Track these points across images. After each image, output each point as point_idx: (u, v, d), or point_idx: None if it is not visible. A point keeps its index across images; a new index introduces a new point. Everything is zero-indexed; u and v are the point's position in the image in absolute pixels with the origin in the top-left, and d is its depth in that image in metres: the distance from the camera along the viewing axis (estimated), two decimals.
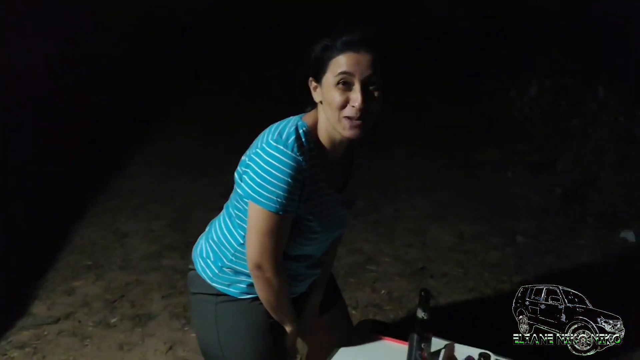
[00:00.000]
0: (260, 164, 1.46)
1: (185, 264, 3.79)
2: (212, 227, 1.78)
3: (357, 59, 1.43)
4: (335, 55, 1.45)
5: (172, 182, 5.40)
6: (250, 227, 1.53)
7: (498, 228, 4.52)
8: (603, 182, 4.55)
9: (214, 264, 1.69)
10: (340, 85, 1.45)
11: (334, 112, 1.47)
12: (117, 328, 3.05)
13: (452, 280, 3.72)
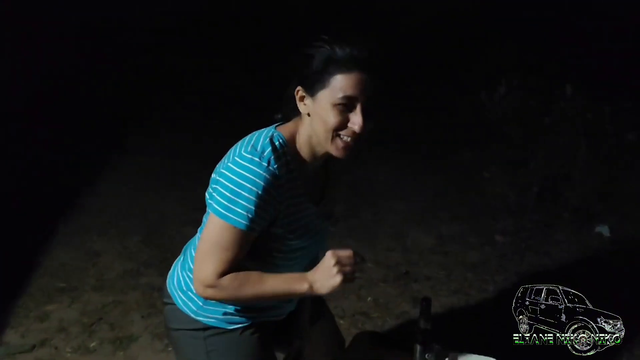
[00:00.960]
0: (231, 178, 1.37)
1: (164, 281, 3.68)
2: (187, 255, 1.65)
3: (363, 80, 1.36)
4: (339, 73, 1.35)
5: (143, 197, 5.25)
6: (207, 242, 1.40)
7: (476, 228, 4.55)
8: (576, 178, 4.62)
9: (197, 297, 1.54)
10: (340, 106, 1.36)
11: (327, 132, 1.39)
12: (97, 352, 2.92)
13: (436, 284, 3.71)
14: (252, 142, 1.41)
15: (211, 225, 1.39)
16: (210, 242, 1.39)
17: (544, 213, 4.59)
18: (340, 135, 1.39)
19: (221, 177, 1.39)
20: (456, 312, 3.36)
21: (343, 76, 1.35)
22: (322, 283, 1.40)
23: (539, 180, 4.60)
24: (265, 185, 1.35)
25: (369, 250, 4.19)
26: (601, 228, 4.33)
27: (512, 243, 4.28)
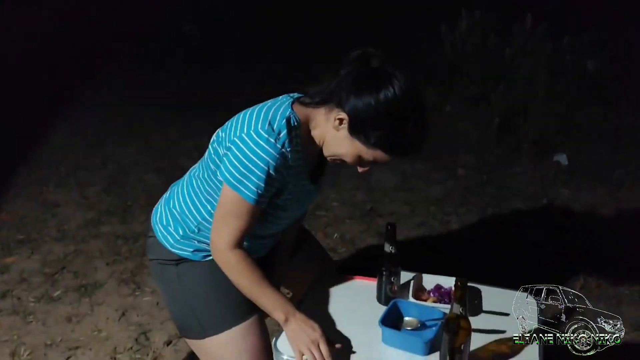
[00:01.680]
0: (245, 152, 1.40)
1: (127, 228, 3.63)
2: (173, 194, 1.68)
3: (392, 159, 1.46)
4: (388, 153, 1.43)
5: (100, 147, 5.09)
6: (221, 209, 1.47)
7: (440, 164, 4.59)
8: (535, 111, 4.68)
9: (175, 232, 1.62)
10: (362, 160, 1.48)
11: (337, 156, 1.50)
12: (61, 301, 2.87)
13: (401, 218, 3.75)
14: (269, 118, 1.42)
15: (224, 194, 1.46)
16: (225, 209, 1.46)
17: (505, 146, 4.66)
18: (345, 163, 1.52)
19: (235, 146, 1.42)
20: (420, 242, 3.42)
21: (387, 155, 1.44)
22: (292, 334, 1.48)
23: (500, 114, 4.63)
24: (277, 165, 1.40)
25: (334, 190, 4.20)
26: (559, 157, 4.43)
27: (474, 177, 4.35)
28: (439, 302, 1.68)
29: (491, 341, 1.51)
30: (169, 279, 1.64)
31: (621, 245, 3.34)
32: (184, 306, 1.62)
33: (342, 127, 1.42)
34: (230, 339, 1.56)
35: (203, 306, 1.59)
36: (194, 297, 1.60)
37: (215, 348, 1.57)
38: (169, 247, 1.61)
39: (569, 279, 3.00)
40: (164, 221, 1.64)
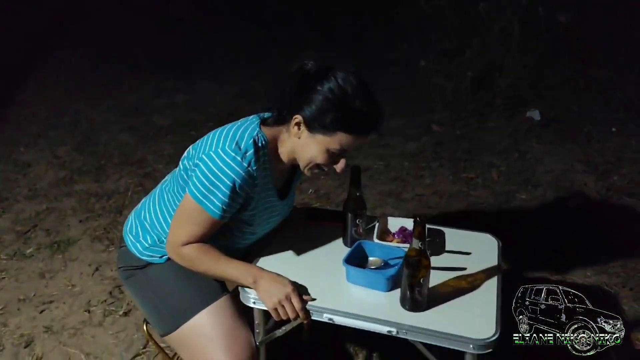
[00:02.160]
0: (212, 169, 1.44)
1: (100, 186, 3.60)
2: (144, 206, 1.73)
3: (363, 141, 1.49)
4: (348, 132, 1.44)
5: (72, 106, 5.01)
6: (181, 214, 1.52)
7: (414, 120, 4.61)
8: (509, 66, 4.69)
9: (144, 240, 1.66)
10: (332, 154, 1.48)
11: (310, 162, 1.51)
12: (34, 258, 2.86)
13: (375, 173, 3.78)
14: (237, 137, 1.47)
15: (188, 202, 1.49)
16: (185, 215, 1.50)
17: (478, 102, 4.69)
18: (320, 166, 1.52)
19: (203, 162, 1.46)
20: (393, 194, 3.46)
21: (351, 136, 1.45)
22: (263, 294, 1.49)
23: (474, 69, 4.64)
24: (242, 183, 1.45)
25: None
26: (532, 113, 4.48)
27: (448, 132, 4.38)
28: (403, 243, 1.71)
29: (452, 277, 1.56)
30: (138, 283, 1.68)
31: (588, 193, 3.43)
32: (156, 304, 1.64)
33: (302, 130, 1.49)
34: (201, 322, 1.56)
35: (172, 299, 1.61)
36: (162, 293, 1.63)
37: (190, 335, 1.57)
38: (138, 255, 1.66)
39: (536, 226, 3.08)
40: (134, 231, 1.69)
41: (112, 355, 2.20)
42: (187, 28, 6.99)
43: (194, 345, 1.56)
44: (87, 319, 2.41)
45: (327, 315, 1.44)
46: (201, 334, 1.55)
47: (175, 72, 5.73)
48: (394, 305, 1.45)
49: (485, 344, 1.32)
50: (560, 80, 4.79)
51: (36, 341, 2.28)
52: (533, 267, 2.72)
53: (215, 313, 1.57)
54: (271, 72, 5.80)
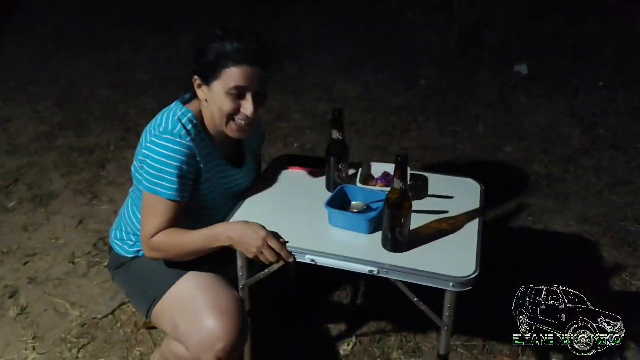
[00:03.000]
0: (153, 157, 1.48)
1: (82, 141, 3.55)
2: (122, 214, 1.79)
3: (251, 73, 1.47)
4: (229, 66, 1.47)
5: (51, 61, 4.89)
6: (144, 210, 1.55)
7: (401, 75, 4.57)
8: (497, 20, 4.63)
9: (128, 240, 1.72)
10: (232, 95, 1.49)
11: (222, 116, 1.52)
12: (16, 211, 2.83)
13: (362, 127, 3.76)
14: (162, 124, 1.52)
15: (145, 197, 1.53)
16: (147, 209, 1.54)
17: (466, 56, 4.64)
18: (234, 119, 1.53)
19: (144, 157, 1.51)
20: (379, 148, 3.45)
21: (233, 69, 1.46)
22: (240, 247, 1.49)
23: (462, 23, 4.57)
24: (182, 157, 1.48)
25: (295, 101, 4.16)
26: (519, 67, 4.45)
27: (435, 86, 4.35)
28: (386, 187, 1.70)
29: (433, 220, 1.56)
30: (124, 271, 1.71)
31: (572, 146, 3.44)
32: (140, 285, 1.65)
33: (203, 89, 1.54)
34: (182, 287, 1.56)
35: (154, 276, 1.62)
36: (145, 273, 1.64)
37: (173, 302, 1.56)
38: (124, 253, 1.71)
39: (520, 178, 3.10)
40: (118, 236, 1.75)
41: (97, 304, 2.21)
42: None
43: (178, 309, 1.54)
44: (71, 270, 2.41)
45: (309, 256, 1.44)
46: (183, 297, 1.54)
47: (156, 27, 5.59)
48: (376, 247, 1.45)
49: (465, 281, 1.33)
50: (549, 35, 4.74)
51: (20, 291, 2.28)
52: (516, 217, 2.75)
53: (196, 276, 1.57)
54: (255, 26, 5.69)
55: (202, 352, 1.45)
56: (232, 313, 1.47)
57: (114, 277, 1.79)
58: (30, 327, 2.09)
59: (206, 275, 1.57)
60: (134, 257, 1.70)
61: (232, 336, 1.45)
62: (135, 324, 2.10)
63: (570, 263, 2.41)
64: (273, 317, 2.11)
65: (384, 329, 2.07)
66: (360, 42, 5.29)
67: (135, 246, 1.70)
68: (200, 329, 1.45)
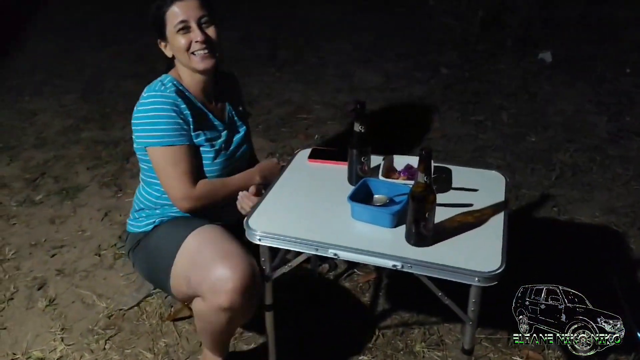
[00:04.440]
0: (140, 115, 1.64)
1: (107, 134, 3.59)
2: (135, 199, 1.89)
3: (186, 5, 1.65)
4: (168, 9, 1.65)
5: (76, 54, 4.95)
6: (158, 170, 1.67)
7: (422, 63, 4.52)
8: (519, 6, 4.54)
9: (140, 218, 1.80)
10: (181, 31, 1.66)
11: (183, 55, 1.67)
12: (44, 204, 2.89)
13: (383, 117, 3.74)
14: (147, 88, 1.69)
15: (152, 154, 1.66)
16: (161, 168, 1.67)
17: (488, 43, 4.57)
18: (194, 52, 1.67)
19: (136, 119, 1.66)
20: (400, 138, 3.43)
21: (171, 9, 1.65)
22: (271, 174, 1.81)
23: (484, 8, 4.49)
24: (168, 106, 1.62)
25: (316, 92, 4.15)
26: (543, 54, 4.36)
27: (456, 74, 4.30)
28: (409, 180, 1.69)
29: (458, 213, 1.55)
30: (143, 254, 1.77)
31: (597, 135, 3.37)
32: (155, 262, 1.71)
33: (165, 47, 1.72)
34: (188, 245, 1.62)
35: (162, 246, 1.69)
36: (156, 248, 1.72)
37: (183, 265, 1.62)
38: (137, 230, 1.80)
39: (545, 167, 3.05)
40: (133, 216, 1.85)
41: (124, 295, 2.25)
42: None
43: (188, 265, 1.60)
44: (98, 262, 2.45)
45: (332, 250, 1.43)
46: (191, 252, 1.61)
47: None
48: (399, 241, 1.45)
49: (491, 276, 1.31)
50: (573, 20, 4.64)
51: (49, 283, 2.33)
52: (541, 208, 2.71)
53: (200, 232, 1.64)
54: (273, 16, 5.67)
55: (215, 297, 1.51)
56: (237, 255, 1.55)
57: (134, 262, 1.84)
58: (58, 318, 2.14)
59: (210, 228, 1.66)
60: (146, 232, 1.76)
61: (240, 276, 1.50)
62: (161, 315, 2.13)
63: (598, 255, 2.37)
64: (296, 309, 2.12)
65: (407, 322, 2.07)
66: (380, 30, 5.24)
67: (147, 219, 1.78)
68: (210, 276, 1.52)
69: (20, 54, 4.90)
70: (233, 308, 1.51)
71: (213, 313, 1.55)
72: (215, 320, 1.58)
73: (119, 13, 5.84)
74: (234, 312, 1.53)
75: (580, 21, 4.65)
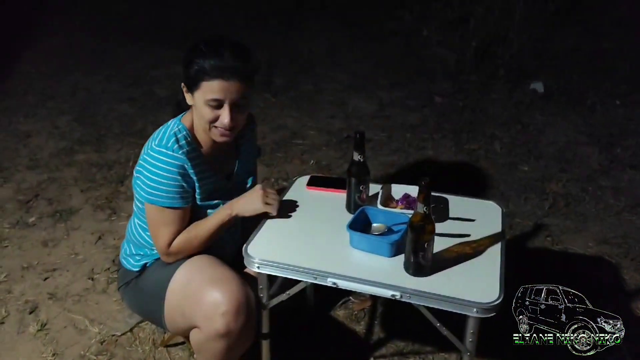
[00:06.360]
0: (149, 169, 1.61)
1: (101, 157, 3.59)
2: (128, 231, 1.88)
3: (226, 87, 1.56)
4: (206, 80, 1.56)
5: (69, 76, 4.96)
6: (151, 223, 1.67)
7: (416, 92, 4.58)
8: (512, 37, 4.64)
9: (137, 254, 1.80)
10: (211, 104, 1.58)
11: (204, 123, 1.62)
12: (37, 226, 2.86)
13: (377, 145, 3.77)
14: (159, 136, 1.63)
15: (149, 209, 1.66)
16: (154, 221, 1.67)
17: (481, 73, 4.64)
18: (216, 126, 1.62)
19: (141, 168, 1.63)
20: (396, 166, 3.46)
21: (209, 82, 1.56)
22: (244, 207, 1.67)
23: (477, 39, 4.59)
24: (175, 169, 1.59)
25: (311, 119, 4.18)
26: (535, 85, 4.44)
27: (450, 103, 4.35)
28: (407, 209, 1.70)
29: (456, 243, 1.56)
30: (134, 293, 1.79)
31: (589, 166, 3.42)
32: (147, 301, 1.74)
33: (188, 96, 1.64)
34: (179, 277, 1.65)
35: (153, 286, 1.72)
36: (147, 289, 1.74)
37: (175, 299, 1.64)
38: (131, 267, 1.79)
39: (538, 197, 3.08)
40: (127, 252, 1.84)
41: (116, 321, 2.22)
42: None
43: (181, 298, 1.61)
44: (90, 287, 2.42)
45: (331, 279, 1.44)
46: (182, 284, 1.63)
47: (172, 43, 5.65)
48: (398, 270, 1.45)
49: (489, 307, 1.32)
50: (565, 52, 4.74)
51: (41, 307, 2.30)
52: (535, 237, 2.73)
53: (187, 263, 1.66)
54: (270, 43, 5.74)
55: (211, 324, 1.51)
56: (227, 278, 1.56)
57: (123, 297, 1.87)
58: (50, 343, 2.11)
59: (197, 258, 1.68)
60: (139, 272, 1.76)
61: (232, 297, 1.51)
62: (154, 341, 2.10)
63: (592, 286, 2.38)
64: (292, 338, 2.11)
65: (402, 351, 2.06)
66: (374, 59, 5.31)
67: (142, 260, 1.77)
68: (202, 303, 1.53)
69: (14, 76, 4.90)
70: (230, 332, 1.50)
71: (211, 341, 1.53)
72: (215, 350, 1.56)
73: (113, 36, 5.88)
74: (232, 338, 1.52)
75: (571, 53, 4.75)
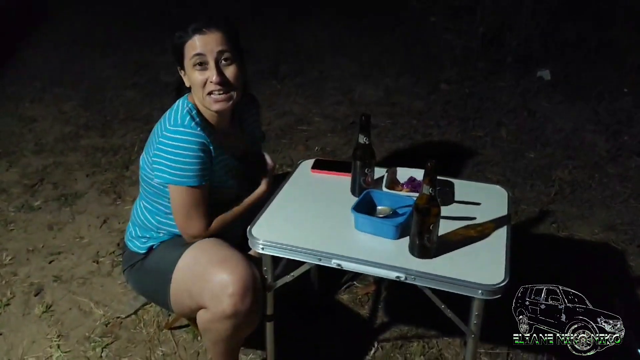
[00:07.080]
0: (170, 150, 1.56)
1: (106, 142, 3.59)
2: (134, 213, 1.86)
3: (206, 40, 1.57)
4: (187, 41, 1.59)
5: (76, 63, 4.96)
6: (178, 207, 1.63)
7: (422, 79, 4.55)
8: (520, 24, 4.59)
9: (142, 237, 1.78)
10: (197, 66, 1.58)
11: (198, 92, 1.61)
12: (42, 210, 2.87)
13: (383, 131, 3.75)
14: (173, 117, 1.61)
15: (174, 194, 1.62)
16: (181, 204, 1.62)
17: (488, 60, 4.60)
18: (210, 92, 1.60)
19: (160, 151, 1.58)
20: (401, 152, 3.44)
21: (190, 41, 1.58)
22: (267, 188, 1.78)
23: (485, 26, 4.54)
24: (197, 146, 1.57)
25: (316, 105, 4.17)
26: (542, 72, 4.40)
27: (456, 91, 4.32)
28: (412, 192, 1.69)
29: (461, 226, 1.55)
30: (138, 275, 1.77)
31: (596, 153, 3.39)
32: (153, 283, 1.72)
33: (184, 75, 1.66)
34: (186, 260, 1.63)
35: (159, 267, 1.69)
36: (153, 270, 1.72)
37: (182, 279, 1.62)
38: (137, 250, 1.77)
39: (544, 184, 3.06)
40: (132, 234, 1.82)
41: (121, 303, 2.23)
42: None
43: (187, 278, 1.60)
44: (95, 269, 2.43)
45: (336, 260, 1.43)
46: (188, 265, 1.61)
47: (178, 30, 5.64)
48: (403, 252, 1.45)
49: (494, 289, 1.31)
50: (572, 40, 4.68)
51: (46, 290, 2.31)
52: (541, 224, 2.72)
53: (194, 245, 1.65)
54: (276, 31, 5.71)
55: (217, 304, 1.50)
56: (235, 259, 1.55)
57: (128, 279, 1.85)
58: (55, 325, 2.12)
59: (204, 240, 1.66)
60: (145, 254, 1.75)
61: (240, 278, 1.50)
62: (158, 324, 2.11)
63: (598, 272, 2.37)
64: (296, 321, 2.11)
65: (406, 335, 2.06)
66: (381, 46, 5.28)
67: (148, 242, 1.76)
68: (210, 283, 1.52)
69: (20, 62, 4.91)
70: (237, 313, 1.50)
71: (218, 322, 1.53)
72: (222, 330, 1.56)
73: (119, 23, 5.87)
74: (239, 319, 1.52)
75: (579, 42, 4.70)
